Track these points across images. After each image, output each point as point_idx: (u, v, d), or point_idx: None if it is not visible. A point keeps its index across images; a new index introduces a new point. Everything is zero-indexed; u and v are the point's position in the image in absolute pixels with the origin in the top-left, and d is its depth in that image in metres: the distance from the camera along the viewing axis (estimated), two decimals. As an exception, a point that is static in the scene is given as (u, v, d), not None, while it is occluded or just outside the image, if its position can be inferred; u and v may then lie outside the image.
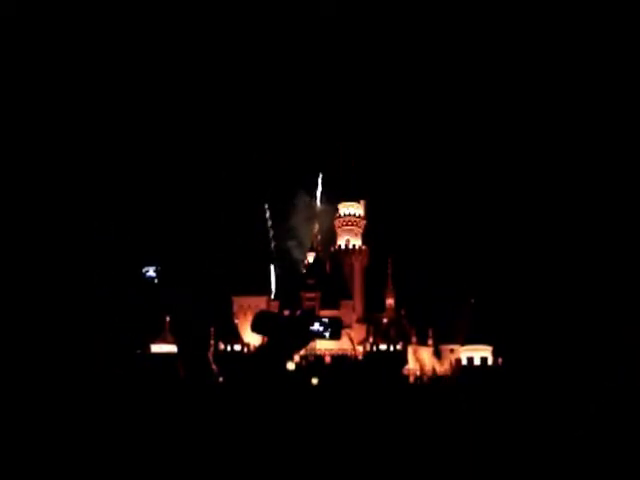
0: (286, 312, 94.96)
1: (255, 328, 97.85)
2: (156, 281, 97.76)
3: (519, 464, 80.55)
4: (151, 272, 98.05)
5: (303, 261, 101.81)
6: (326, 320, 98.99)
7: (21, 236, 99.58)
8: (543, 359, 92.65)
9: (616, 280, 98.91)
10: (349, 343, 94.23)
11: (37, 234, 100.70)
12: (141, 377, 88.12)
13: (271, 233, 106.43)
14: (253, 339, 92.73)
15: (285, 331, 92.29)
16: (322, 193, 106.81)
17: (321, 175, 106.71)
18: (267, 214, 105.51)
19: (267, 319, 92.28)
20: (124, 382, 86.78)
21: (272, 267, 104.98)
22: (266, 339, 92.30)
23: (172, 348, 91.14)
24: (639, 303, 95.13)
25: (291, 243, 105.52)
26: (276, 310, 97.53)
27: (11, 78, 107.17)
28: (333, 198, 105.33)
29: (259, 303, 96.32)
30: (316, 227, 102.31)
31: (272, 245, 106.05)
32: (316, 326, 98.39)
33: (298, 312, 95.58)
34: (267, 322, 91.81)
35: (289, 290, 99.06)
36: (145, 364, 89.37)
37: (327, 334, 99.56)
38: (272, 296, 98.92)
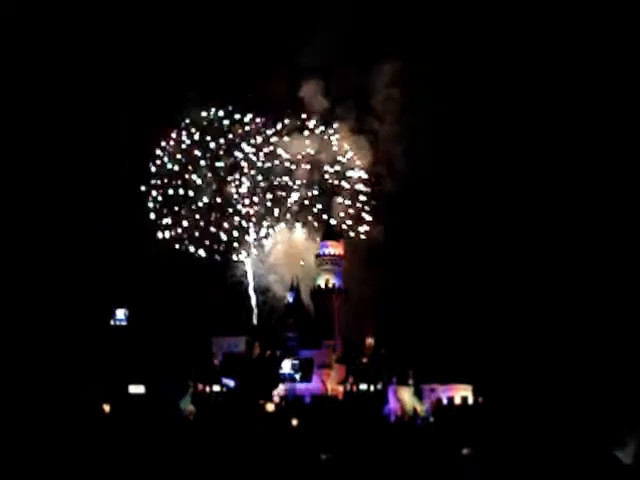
0: (256, 353, 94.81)
1: (223, 371, 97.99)
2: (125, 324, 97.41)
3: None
4: (120, 315, 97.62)
5: (284, 299, 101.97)
6: (297, 362, 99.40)
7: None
8: (524, 398, 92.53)
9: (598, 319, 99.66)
10: (324, 384, 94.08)
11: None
12: (119, 417, 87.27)
13: (251, 272, 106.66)
14: (230, 380, 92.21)
15: (254, 374, 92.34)
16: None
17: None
18: (247, 251, 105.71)
19: (235, 362, 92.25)
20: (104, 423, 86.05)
21: (253, 306, 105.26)
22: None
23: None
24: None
25: (272, 278, 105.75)
26: (257, 350, 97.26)
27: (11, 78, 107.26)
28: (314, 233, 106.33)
29: (238, 343, 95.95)
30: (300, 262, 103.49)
31: (252, 283, 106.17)
32: (287, 368, 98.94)
33: (268, 353, 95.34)
34: (235, 365, 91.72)
35: (269, 330, 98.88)
36: (123, 405, 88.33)
37: (298, 376, 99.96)
38: (252, 336, 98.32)
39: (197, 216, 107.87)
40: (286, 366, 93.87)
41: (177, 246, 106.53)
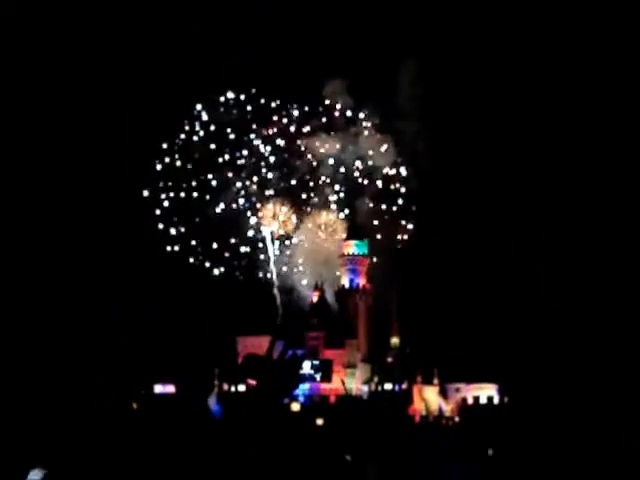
0: (275, 355, 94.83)
1: (243, 373, 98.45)
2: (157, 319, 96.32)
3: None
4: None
5: (308, 298, 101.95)
6: (317, 363, 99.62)
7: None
8: (550, 397, 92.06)
9: (620, 313, 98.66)
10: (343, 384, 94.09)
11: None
12: (145, 418, 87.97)
13: (275, 269, 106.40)
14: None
15: (273, 375, 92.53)
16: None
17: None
18: (270, 249, 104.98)
19: (255, 363, 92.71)
20: (128, 423, 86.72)
21: (278, 305, 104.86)
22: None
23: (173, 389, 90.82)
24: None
25: (297, 277, 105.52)
26: (278, 350, 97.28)
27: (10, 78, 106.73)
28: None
29: (263, 343, 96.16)
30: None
31: (276, 281, 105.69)
32: (306, 369, 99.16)
33: (288, 354, 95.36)
34: (255, 366, 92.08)
35: (293, 330, 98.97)
36: (149, 405, 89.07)
37: (318, 377, 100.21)
38: (276, 336, 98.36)
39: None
40: (306, 367, 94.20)
41: (191, 260, 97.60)
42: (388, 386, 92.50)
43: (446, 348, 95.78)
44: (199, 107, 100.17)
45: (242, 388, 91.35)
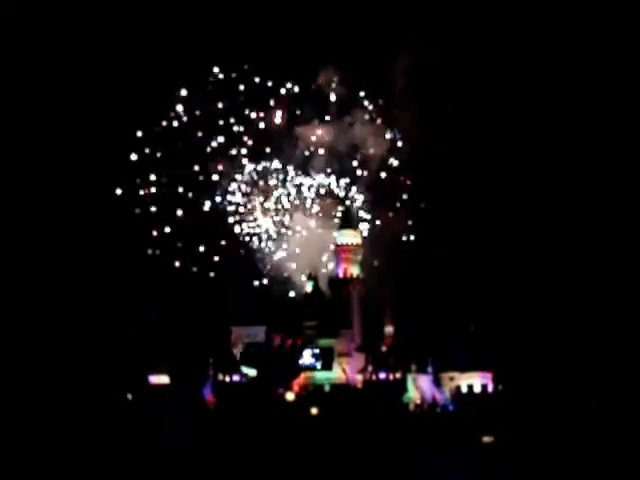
0: (276, 342, 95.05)
1: (244, 360, 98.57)
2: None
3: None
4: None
5: (302, 287, 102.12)
6: (317, 351, 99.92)
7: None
8: (544, 385, 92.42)
9: (617, 302, 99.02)
10: (344, 372, 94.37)
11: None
12: (140, 408, 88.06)
13: (269, 259, 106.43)
14: (252, 369, 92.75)
15: (275, 363, 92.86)
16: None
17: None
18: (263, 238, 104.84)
19: (256, 351, 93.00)
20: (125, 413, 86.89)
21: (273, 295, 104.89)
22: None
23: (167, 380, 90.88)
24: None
25: (291, 267, 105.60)
26: (277, 340, 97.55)
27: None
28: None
29: (257, 333, 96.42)
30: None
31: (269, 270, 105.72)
32: (307, 357, 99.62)
33: (289, 343, 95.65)
34: (256, 354, 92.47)
35: (288, 319, 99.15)
36: (143, 395, 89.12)
37: (318, 365, 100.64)
38: (271, 326, 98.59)
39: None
40: (307, 355, 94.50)
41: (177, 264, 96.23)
42: (382, 375, 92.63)
43: (440, 337, 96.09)
44: (184, 91, 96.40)
45: (236, 378, 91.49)
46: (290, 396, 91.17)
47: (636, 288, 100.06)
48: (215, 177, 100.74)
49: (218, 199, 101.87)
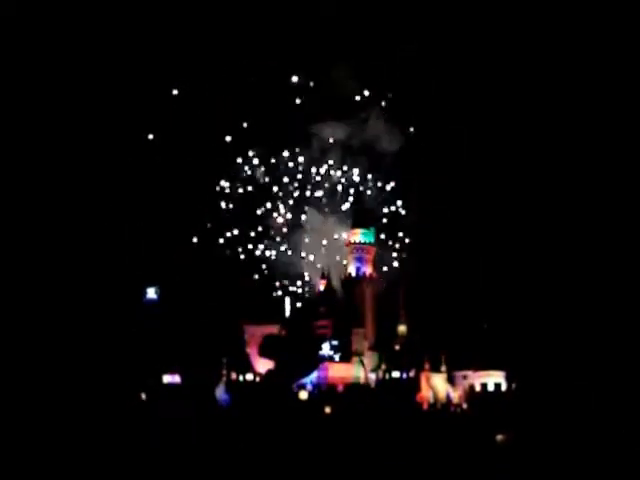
0: (286, 332, 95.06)
1: (264, 352, 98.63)
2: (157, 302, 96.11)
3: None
4: (152, 294, 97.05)
5: (315, 286, 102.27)
6: (336, 343, 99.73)
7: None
8: (558, 384, 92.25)
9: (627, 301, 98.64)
10: (362, 371, 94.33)
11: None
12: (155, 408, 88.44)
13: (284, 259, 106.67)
14: (265, 368, 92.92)
15: (294, 355, 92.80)
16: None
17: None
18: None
19: (276, 343, 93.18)
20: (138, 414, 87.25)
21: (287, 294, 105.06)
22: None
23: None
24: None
25: (305, 265, 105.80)
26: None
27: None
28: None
29: (271, 332, 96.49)
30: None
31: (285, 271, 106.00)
32: (325, 350, 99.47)
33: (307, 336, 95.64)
34: (276, 346, 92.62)
35: (301, 318, 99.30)
36: (157, 395, 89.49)
37: (337, 357, 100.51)
38: (284, 324, 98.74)
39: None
40: (325, 347, 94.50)
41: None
42: (396, 374, 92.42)
43: (453, 336, 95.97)
44: None
45: (250, 377, 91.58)
46: (303, 395, 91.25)
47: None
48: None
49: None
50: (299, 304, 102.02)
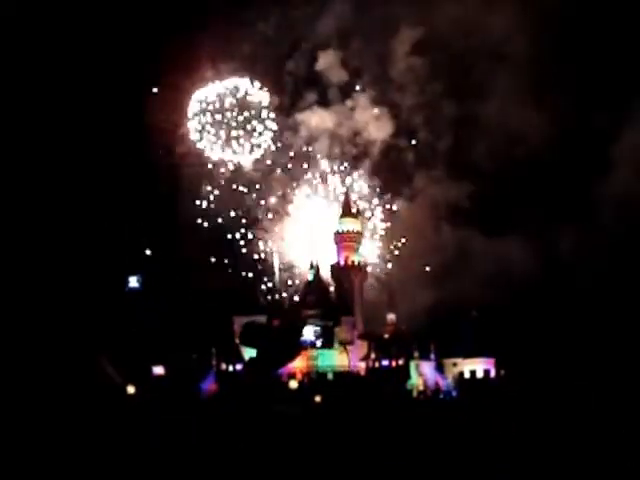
0: (275, 322, 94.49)
1: (244, 340, 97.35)
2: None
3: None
4: (134, 283, 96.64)
5: (303, 275, 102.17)
6: (318, 329, 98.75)
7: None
8: (546, 371, 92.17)
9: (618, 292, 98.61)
10: (347, 359, 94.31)
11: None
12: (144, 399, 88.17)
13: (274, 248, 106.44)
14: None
15: (275, 342, 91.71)
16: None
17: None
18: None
19: (256, 330, 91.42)
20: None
21: (276, 283, 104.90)
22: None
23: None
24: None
25: (294, 255, 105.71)
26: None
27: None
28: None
29: (260, 322, 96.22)
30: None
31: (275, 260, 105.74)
32: (308, 335, 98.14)
33: (287, 321, 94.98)
34: (256, 333, 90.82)
35: (289, 307, 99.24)
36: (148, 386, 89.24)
37: (319, 342, 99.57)
38: (273, 314, 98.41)
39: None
40: (307, 332, 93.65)
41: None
42: (385, 362, 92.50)
43: (442, 323, 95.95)
44: None
45: (239, 367, 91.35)
46: (293, 384, 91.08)
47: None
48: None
49: None
50: (287, 294, 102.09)
